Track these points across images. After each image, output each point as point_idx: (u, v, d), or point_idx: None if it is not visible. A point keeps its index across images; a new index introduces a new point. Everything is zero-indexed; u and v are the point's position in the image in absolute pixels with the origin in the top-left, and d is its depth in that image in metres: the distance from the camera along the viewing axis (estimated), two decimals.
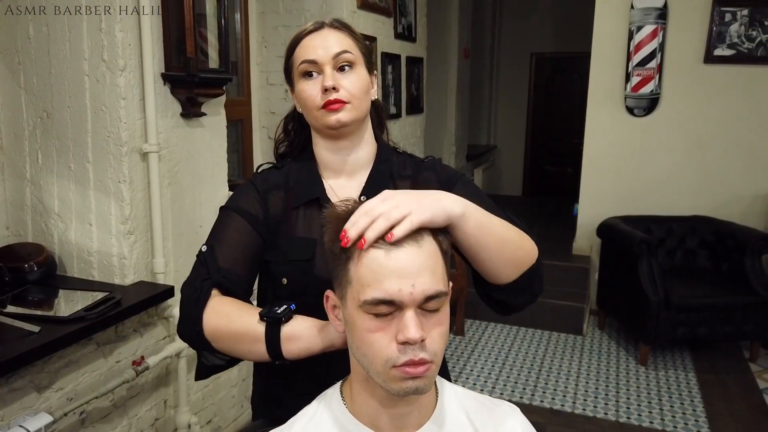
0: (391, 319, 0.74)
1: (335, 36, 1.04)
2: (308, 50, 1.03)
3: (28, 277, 1.82)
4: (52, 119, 1.87)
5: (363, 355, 0.77)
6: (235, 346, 0.93)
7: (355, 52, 1.04)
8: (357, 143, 1.08)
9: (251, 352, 0.91)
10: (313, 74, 1.03)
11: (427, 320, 0.75)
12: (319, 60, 1.02)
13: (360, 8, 3.16)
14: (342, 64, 1.02)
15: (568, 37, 6.61)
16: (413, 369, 0.73)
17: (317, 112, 1.03)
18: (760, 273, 3.34)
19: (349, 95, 1.02)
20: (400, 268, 0.73)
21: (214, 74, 2.01)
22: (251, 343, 0.90)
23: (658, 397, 3.02)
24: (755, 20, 3.56)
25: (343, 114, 1.01)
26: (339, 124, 1.02)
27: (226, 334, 0.93)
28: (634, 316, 3.40)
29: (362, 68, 1.05)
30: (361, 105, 1.04)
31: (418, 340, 0.73)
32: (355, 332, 0.77)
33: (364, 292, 0.74)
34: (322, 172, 1.09)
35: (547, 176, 7.28)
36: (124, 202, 1.84)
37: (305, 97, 1.04)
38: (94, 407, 1.78)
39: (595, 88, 4.02)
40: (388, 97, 3.65)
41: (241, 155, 3.09)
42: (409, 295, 0.73)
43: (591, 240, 4.13)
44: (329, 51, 1.02)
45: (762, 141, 3.73)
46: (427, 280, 0.74)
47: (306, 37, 1.05)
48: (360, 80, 1.03)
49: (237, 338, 0.92)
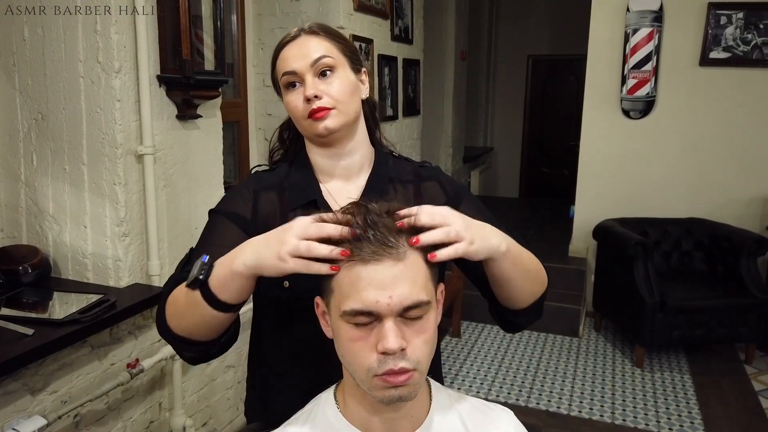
0: (371, 328, 0.74)
1: (313, 42, 1.02)
2: (287, 61, 1.02)
3: (23, 280, 1.81)
4: (47, 121, 1.86)
5: (348, 363, 0.78)
6: (191, 321, 0.89)
7: (335, 55, 1.03)
8: (351, 147, 1.07)
9: (205, 319, 0.87)
10: (296, 84, 1.02)
11: (409, 328, 0.75)
12: (298, 70, 1.01)
13: (357, 10, 3.16)
14: (323, 70, 1.01)
15: (564, 40, 6.62)
16: (393, 378, 0.74)
17: (304, 122, 1.02)
18: (756, 275, 3.35)
19: (333, 101, 1.00)
20: (378, 279, 0.73)
21: (210, 76, 2.01)
22: (200, 311, 0.86)
23: (653, 399, 3.02)
24: (750, 23, 3.57)
25: (330, 120, 1.00)
26: (327, 132, 1.01)
27: (179, 316, 0.90)
28: (630, 318, 3.40)
29: (345, 70, 1.04)
30: (347, 108, 1.02)
31: (396, 350, 0.73)
32: (339, 340, 0.78)
33: (344, 303, 0.74)
34: (318, 176, 1.08)
35: (544, 178, 7.29)
36: (119, 204, 1.83)
37: (291, 108, 1.03)
38: (88, 410, 1.77)
39: (592, 90, 4.02)
40: (384, 99, 3.66)
41: (238, 157, 3.09)
42: (387, 306, 0.73)
43: (587, 242, 4.14)
44: (307, 59, 1.00)
45: (757, 143, 3.74)
46: (406, 291, 0.73)
47: (284, 47, 1.04)
48: (343, 83, 1.02)
49: (187, 314, 0.89)
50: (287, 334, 1.07)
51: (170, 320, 0.92)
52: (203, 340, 0.92)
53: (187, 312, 0.88)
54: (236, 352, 2.46)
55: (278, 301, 1.04)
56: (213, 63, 2.03)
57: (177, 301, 0.91)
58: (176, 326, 0.92)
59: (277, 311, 1.06)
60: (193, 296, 0.85)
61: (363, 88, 1.08)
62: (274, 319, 1.08)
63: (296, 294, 1.00)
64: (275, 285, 1.01)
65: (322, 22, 1.11)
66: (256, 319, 1.13)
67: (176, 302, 0.91)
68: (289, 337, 1.06)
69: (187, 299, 0.87)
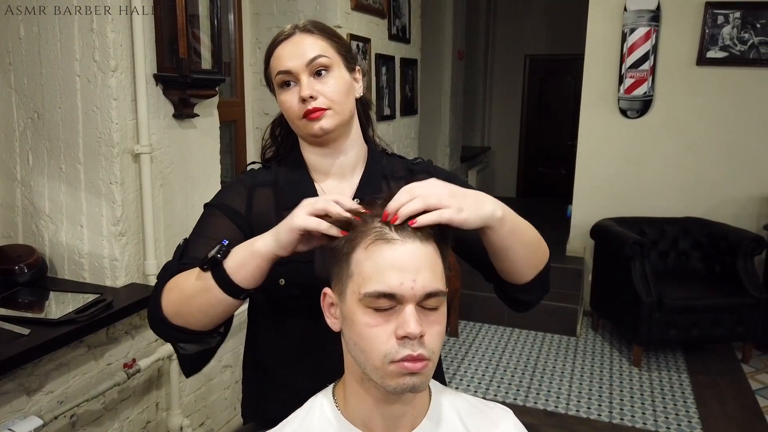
0: (390, 314, 0.74)
1: (308, 41, 1.02)
2: (282, 60, 1.01)
3: (19, 279, 1.80)
4: (42, 120, 1.86)
5: (361, 351, 0.77)
6: (195, 307, 0.88)
7: (331, 54, 1.02)
8: (344, 146, 1.07)
9: (212, 305, 0.87)
10: (290, 84, 1.01)
11: (426, 318, 0.75)
12: (293, 69, 1.00)
13: (354, 9, 3.15)
14: (318, 69, 1.00)
15: (561, 39, 6.63)
16: (412, 364, 0.74)
17: (299, 121, 1.02)
18: (753, 274, 3.35)
19: (329, 101, 1.00)
20: (402, 262, 0.74)
21: (207, 75, 2.00)
22: (207, 295, 0.86)
23: (651, 398, 3.03)
24: (747, 23, 3.58)
25: (325, 121, 1.00)
26: (322, 132, 1.01)
27: (182, 301, 0.89)
28: (628, 317, 3.41)
29: (340, 69, 1.03)
30: (342, 109, 1.02)
31: (417, 335, 0.73)
32: (354, 327, 0.77)
33: (365, 285, 0.74)
34: (313, 175, 1.08)
35: (541, 178, 7.29)
36: (116, 203, 1.83)
37: (286, 108, 1.03)
38: (84, 410, 1.77)
39: (589, 90, 4.03)
40: (382, 98, 3.65)
41: (235, 156, 3.08)
42: (410, 289, 0.73)
43: (584, 241, 4.14)
44: (303, 58, 1.00)
45: (754, 143, 3.75)
46: (428, 277, 0.74)
47: (279, 45, 1.03)
48: (338, 83, 1.01)
49: (192, 299, 0.88)
50: (282, 333, 1.06)
51: (167, 308, 0.91)
52: (200, 329, 0.91)
53: (192, 297, 0.88)
54: (233, 352, 2.45)
55: (273, 300, 1.03)
56: (210, 62, 2.02)
57: (180, 287, 0.90)
58: (174, 314, 0.90)
59: (272, 310, 1.06)
60: (203, 279, 0.86)
61: (357, 86, 1.08)
62: (270, 318, 1.07)
63: (291, 292, 1.00)
64: (270, 283, 1.00)
65: (319, 20, 1.10)
66: (252, 319, 1.13)
67: (179, 288, 0.90)
68: (283, 337, 1.06)
69: (195, 283, 0.87)
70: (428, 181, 0.82)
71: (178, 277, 0.92)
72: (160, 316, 0.92)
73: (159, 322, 0.93)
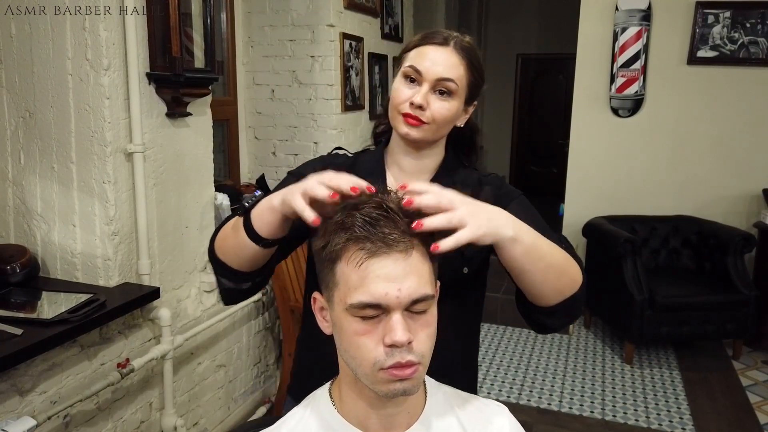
0: (377, 321, 0.74)
1: (453, 60, 1.03)
2: (421, 59, 1.03)
3: (11, 279, 1.79)
4: (34, 119, 1.85)
5: (351, 358, 0.77)
6: (230, 246, 0.99)
7: (462, 84, 1.04)
8: (427, 152, 1.10)
9: (240, 247, 0.95)
10: (413, 81, 1.04)
11: (415, 322, 0.75)
12: (424, 73, 1.02)
13: (347, 8, 3.15)
14: (442, 89, 1.03)
15: (553, 39, 6.65)
16: (400, 371, 0.73)
17: (396, 114, 1.05)
18: (743, 272, 3.38)
19: (432, 118, 1.03)
20: (386, 272, 0.73)
21: (199, 74, 2.00)
22: (237, 238, 0.95)
23: (643, 394, 3.05)
24: (737, 22, 3.61)
25: (416, 132, 1.03)
26: (408, 138, 1.05)
27: (224, 239, 1.01)
28: (619, 315, 3.43)
29: (460, 99, 1.06)
30: (438, 130, 1.06)
31: (404, 342, 0.73)
32: (343, 335, 0.77)
33: (350, 296, 0.74)
34: (389, 166, 1.12)
35: (533, 177, 7.32)
36: (109, 202, 1.82)
37: (395, 96, 1.05)
38: (78, 410, 1.76)
39: (580, 89, 4.04)
40: (375, 97, 3.65)
41: (228, 155, 3.08)
42: (396, 298, 0.73)
43: (576, 240, 4.16)
44: (437, 72, 1.02)
45: (744, 142, 3.78)
46: (414, 283, 0.74)
47: (429, 45, 1.05)
48: (449, 111, 1.04)
49: (229, 239, 0.99)
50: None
51: (216, 242, 1.03)
52: (236, 269, 1.00)
53: (230, 237, 0.99)
54: (227, 352, 2.45)
55: None
56: (203, 61, 2.02)
57: (227, 227, 1.02)
58: (218, 248, 1.02)
59: None
60: (238, 223, 0.95)
61: (462, 118, 1.11)
62: None
63: None
64: None
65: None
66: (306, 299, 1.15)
67: (226, 228, 1.02)
68: None
69: (233, 226, 0.98)
70: (452, 193, 0.81)
71: (233, 220, 1.02)
72: (212, 247, 1.04)
73: (210, 252, 1.05)
